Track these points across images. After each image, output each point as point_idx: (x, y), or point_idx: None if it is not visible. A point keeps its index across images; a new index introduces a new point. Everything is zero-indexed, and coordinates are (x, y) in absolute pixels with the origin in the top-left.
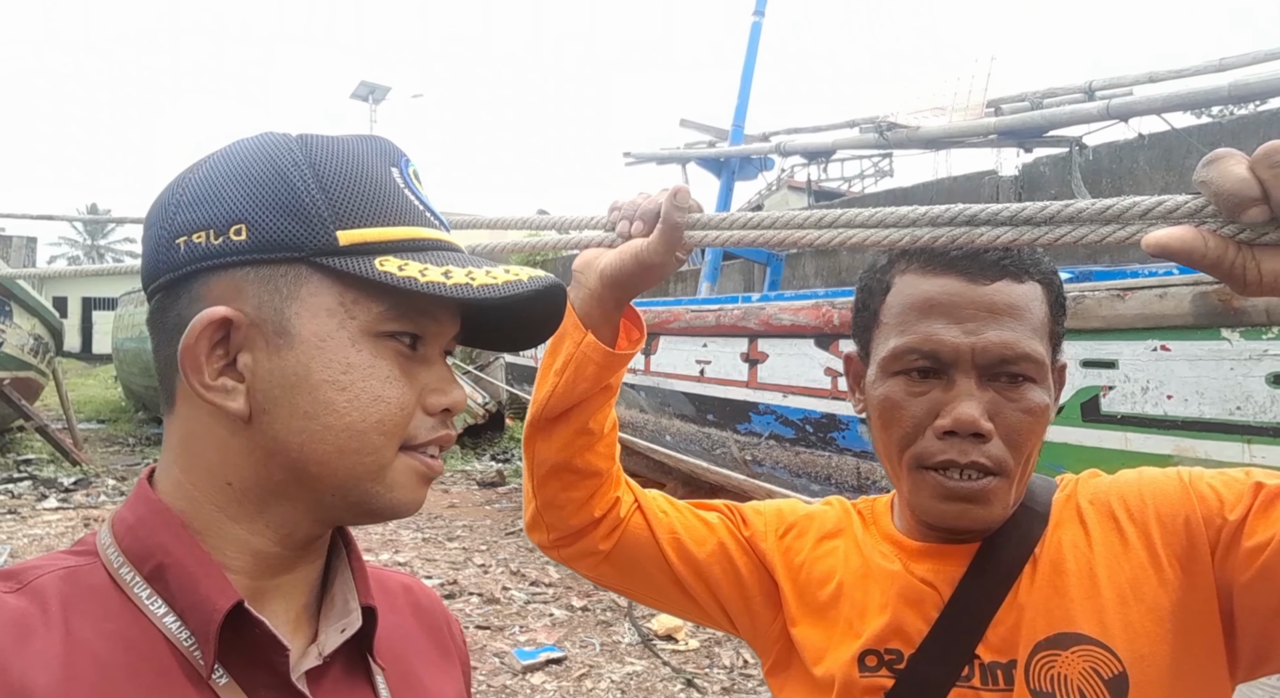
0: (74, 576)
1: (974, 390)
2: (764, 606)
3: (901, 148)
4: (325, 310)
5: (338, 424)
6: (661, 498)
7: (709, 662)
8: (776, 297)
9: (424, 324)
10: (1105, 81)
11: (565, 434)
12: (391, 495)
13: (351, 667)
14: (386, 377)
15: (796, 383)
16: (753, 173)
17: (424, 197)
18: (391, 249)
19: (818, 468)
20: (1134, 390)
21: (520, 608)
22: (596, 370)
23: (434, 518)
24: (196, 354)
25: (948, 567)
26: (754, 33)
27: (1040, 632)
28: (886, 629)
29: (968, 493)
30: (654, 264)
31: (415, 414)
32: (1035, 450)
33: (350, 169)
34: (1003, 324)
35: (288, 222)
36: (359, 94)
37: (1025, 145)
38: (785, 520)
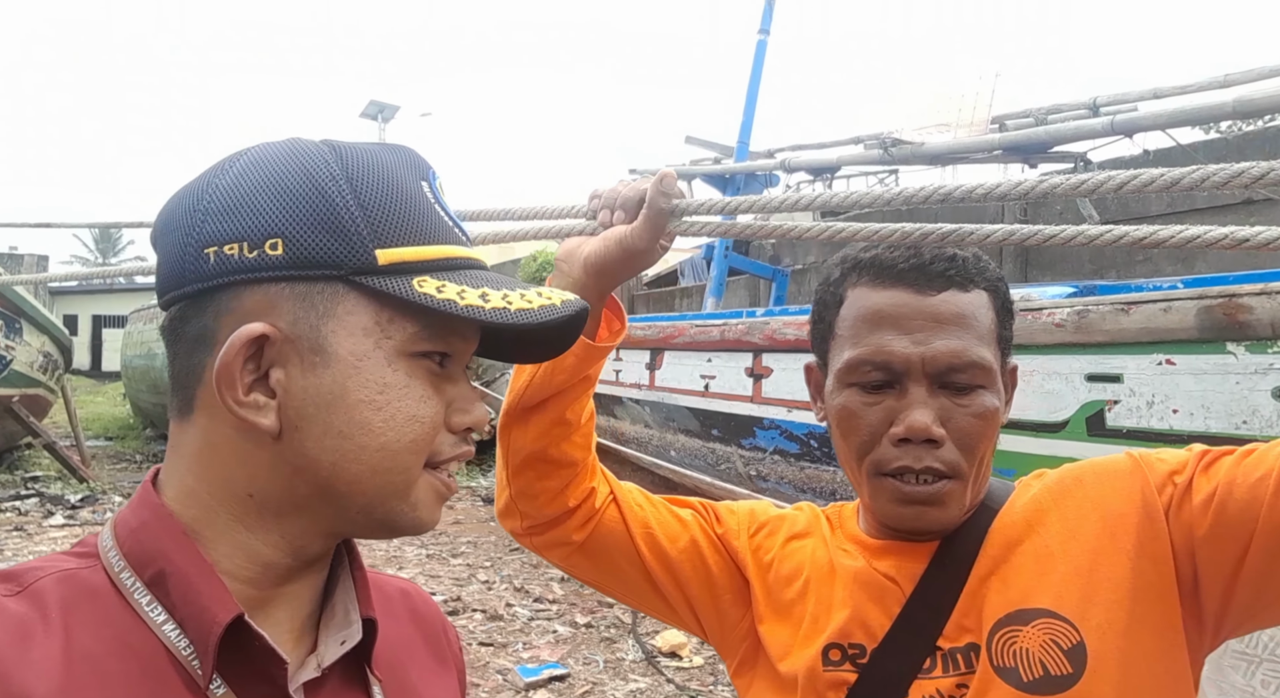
0: (74, 578)
1: (925, 398)
2: (732, 603)
3: (906, 164)
4: (362, 329)
5: (372, 444)
6: (637, 491)
7: (713, 679)
8: (781, 311)
9: (454, 343)
10: (1110, 97)
11: (541, 424)
12: (415, 514)
13: (349, 678)
14: (421, 396)
15: (801, 398)
16: (758, 189)
17: (450, 210)
18: (428, 269)
19: (822, 483)
20: (1139, 404)
21: (524, 625)
22: (575, 362)
23: (438, 534)
24: (233, 370)
25: (909, 563)
26: (759, 50)
27: (999, 610)
28: (850, 623)
29: (923, 496)
30: (639, 251)
31: (440, 432)
32: (988, 452)
33: (386, 185)
34: (949, 333)
35: (326, 238)
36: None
37: (1030, 161)
38: (757, 519)
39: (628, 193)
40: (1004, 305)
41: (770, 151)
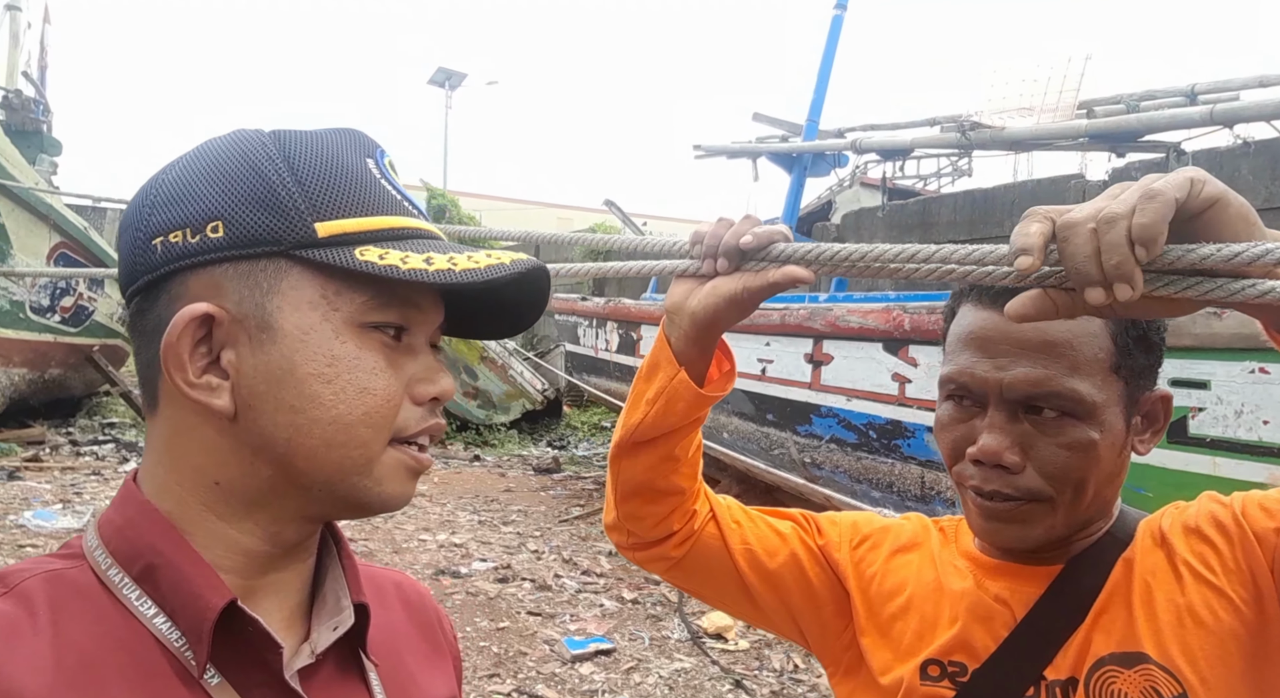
0: (60, 578)
1: (1002, 423)
2: (834, 615)
3: (984, 149)
4: (308, 303)
5: (324, 417)
6: (736, 507)
7: (759, 664)
8: (845, 298)
9: (409, 314)
10: (1210, 85)
11: (651, 459)
12: (380, 489)
13: (344, 664)
14: (372, 368)
15: (861, 387)
16: (825, 169)
17: (400, 187)
18: (371, 239)
19: (880, 475)
20: (1226, 413)
21: (571, 597)
22: (686, 407)
23: (490, 501)
24: (179, 352)
25: (1024, 587)
26: (835, 26)
27: (1103, 649)
28: (953, 642)
29: (999, 513)
30: (748, 305)
31: (403, 405)
32: (1087, 481)
33: (325, 161)
34: (1034, 361)
35: (265, 216)
36: (436, 80)
37: (1118, 150)
38: (860, 532)
39: (730, 240)
40: (1130, 332)
41: (840, 131)
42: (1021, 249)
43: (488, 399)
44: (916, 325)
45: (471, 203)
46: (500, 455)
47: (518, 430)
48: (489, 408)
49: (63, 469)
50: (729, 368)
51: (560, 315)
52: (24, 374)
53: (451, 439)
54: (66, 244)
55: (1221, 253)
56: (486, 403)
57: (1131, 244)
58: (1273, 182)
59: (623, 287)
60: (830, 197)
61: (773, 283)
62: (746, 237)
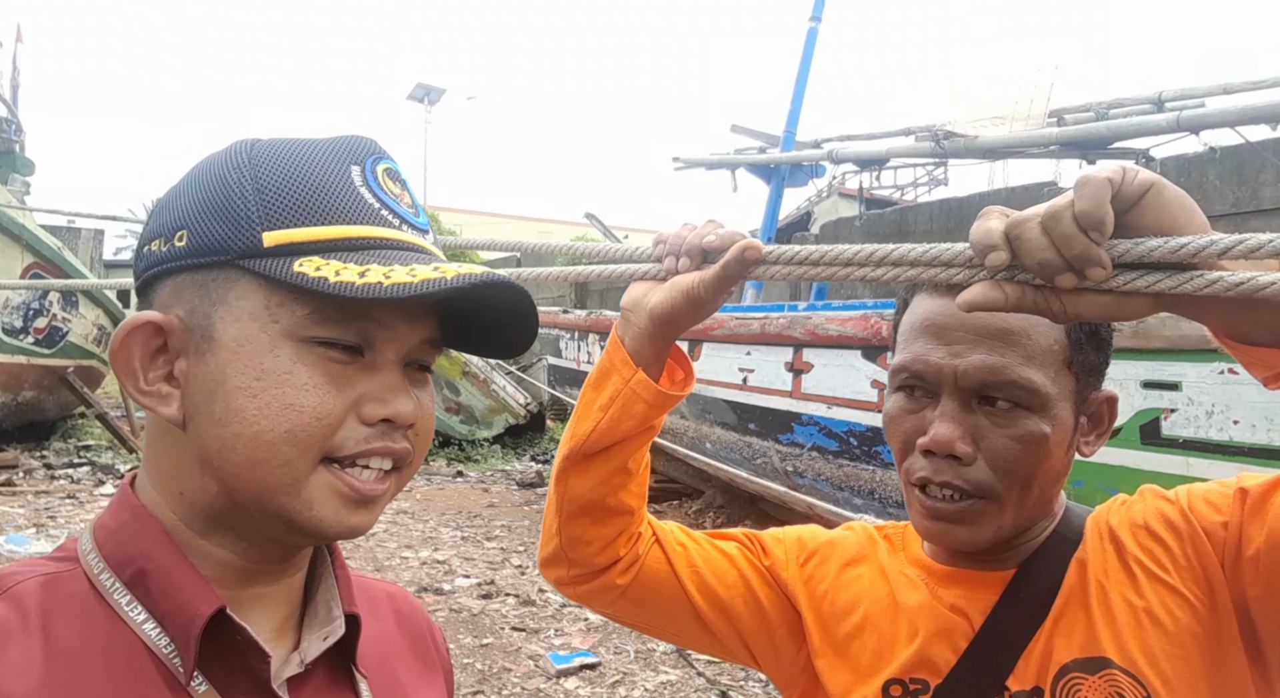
0: (53, 582)
1: (956, 412)
2: (787, 638)
3: (958, 157)
4: (249, 314)
5: (246, 432)
6: (679, 530)
7: (744, 674)
8: (824, 306)
9: (365, 329)
10: (1176, 92)
11: (602, 472)
12: (311, 514)
13: (335, 675)
14: (304, 384)
15: (842, 394)
16: (803, 179)
17: (387, 195)
18: (321, 249)
19: (861, 482)
20: (1198, 414)
21: (556, 611)
22: (645, 409)
23: (473, 517)
24: (125, 359)
25: (979, 593)
26: (810, 38)
27: (1065, 655)
28: (913, 660)
29: (946, 513)
30: (704, 301)
31: (344, 424)
32: (1035, 478)
33: (291, 169)
34: (991, 348)
35: (219, 224)
36: (415, 96)
37: (1088, 157)
38: (806, 547)
39: (694, 240)
40: (1084, 328)
41: (817, 142)
42: (990, 246)
43: (470, 414)
44: None
45: (452, 218)
46: (483, 471)
47: (501, 445)
48: (471, 423)
49: (36, 493)
50: (684, 376)
51: (542, 328)
52: None
53: (434, 455)
54: (39, 264)
55: (1168, 245)
56: (469, 418)
57: (1084, 231)
58: (1239, 187)
59: (604, 299)
60: (809, 207)
61: (725, 267)
62: (709, 237)
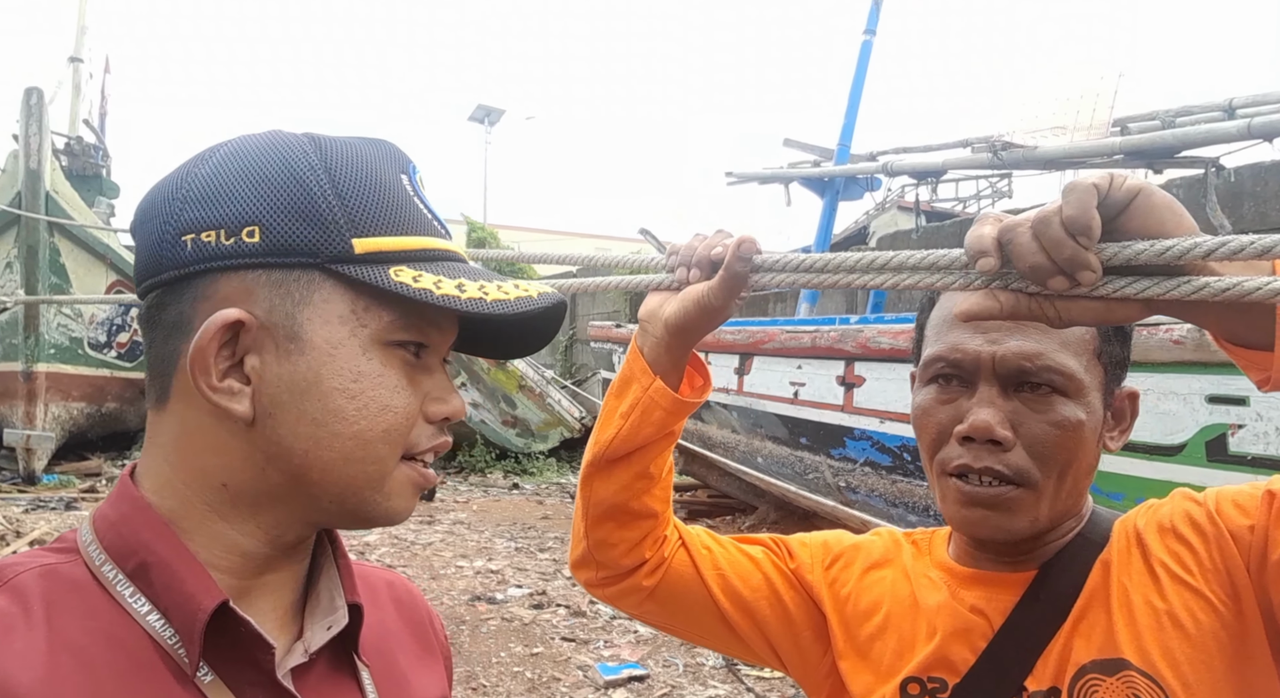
0: (54, 573)
1: (994, 398)
2: (813, 640)
3: (1017, 168)
4: (338, 317)
5: (346, 431)
6: (705, 534)
7: (794, 691)
8: (876, 319)
9: (430, 333)
10: (1247, 99)
11: (625, 477)
12: (389, 504)
13: (337, 664)
14: (395, 386)
15: (894, 409)
16: (858, 193)
17: (430, 204)
18: (405, 259)
19: (916, 498)
20: (1267, 430)
21: (606, 623)
22: (663, 416)
23: (527, 528)
24: (207, 355)
25: (999, 595)
26: (864, 51)
27: (1084, 656)
28: (931, 659)
29: (985, 499)
30: (715, 308)
31: (417, 423)
32: (1070, 466)
33: (364, 175)
34: (1027, 334)
35: (303, 227)
36: (476, 116)
37: (1155, 166)
38: (831, 551)
39: (703, 251)
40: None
41: (872, 154)
42: (981, 251)
43: (526, 428)
44: None
45: (511, 235)
46: (539, 483)
47: (556, 458)
48: (527, 436)
49: None
50: (701, 384)
51: (596, 343)
52: (82, 408)
53: (491, 468)
54: (123, 282)
55: (1154, 247)
56: (525, 431)
57: (1072, 237)
58: None
59: None
60: (866, 221)
61: (727, 270)
62: (716, 248)
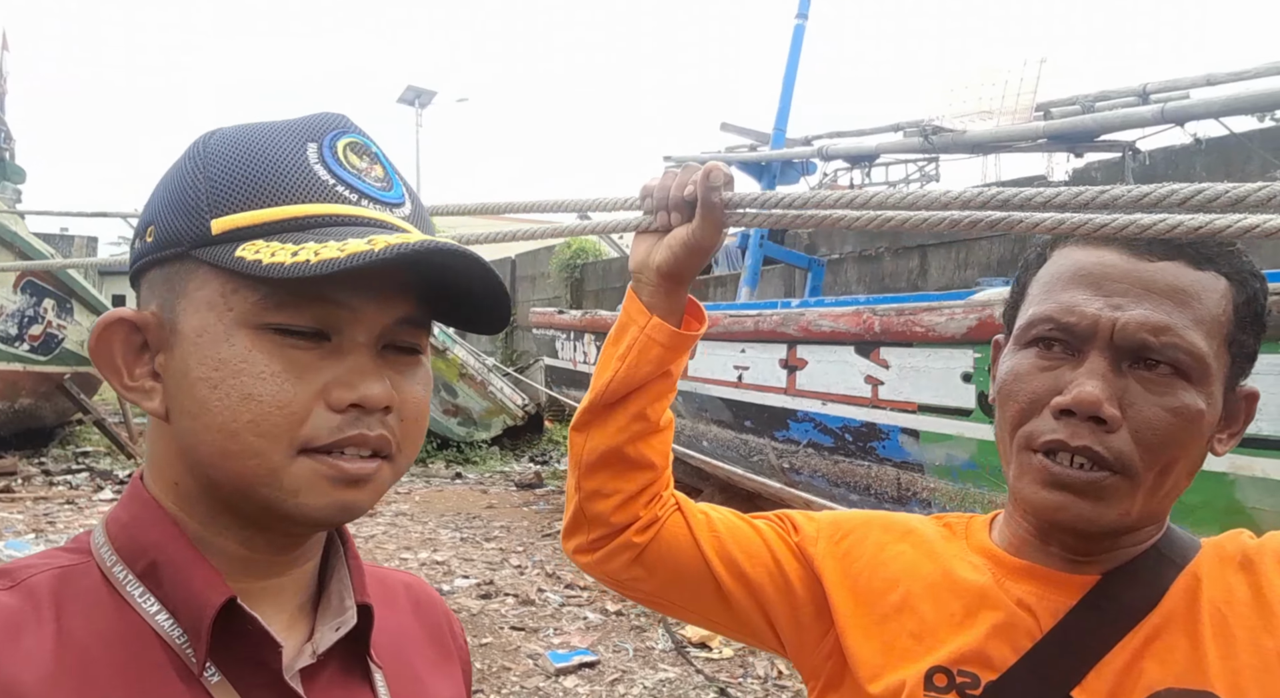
0: (67, 575)
1: (1105, 371)
2: (814, 617)
3: (947, 152)
4: (206, 304)
5: (213, 424)
6: (706, 505)
7: (743, 671)
8: (816, 303)
9: (326, 312)
10: (1160, 84)
11: (621, 419)
12: (296, 502)
13: (349, 666)
14: (261, 373)
15: (836, 391)
16: (794, 177)
17: (346, 170)
18: (267, 232)
19: (857, 478)
20: None
21: (555, 610)
22: (661, 352)
23: (472, 518)
24: (106, 356)
25: (1053, 595)
26: (797, 35)
27: (1159, 682)
28: (965, 651)
29: (1075, 483)
30: (704, 247)
31: (315, 412)
32: (1177, 462)
33: (240, 153)
34: (1157, 305)
35: (175, 216)
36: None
37: (1075, 150)
38: (841, 527)
39: (676, 193)
40: (1249, 304)
41: (807, 139)
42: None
43: (468, 416)
44: (886, 327)
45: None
46: (482, 473)
47: (499, 447)
48: (469, 425)
49: (35, 499)
50: (699, 325)
51: (538, 329)
52: None
53: (433, 458)
54: (34, 273)
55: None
56: (467, 420)
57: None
58: (1226, 177)
59: (600, 299)
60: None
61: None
62: (688, 188)
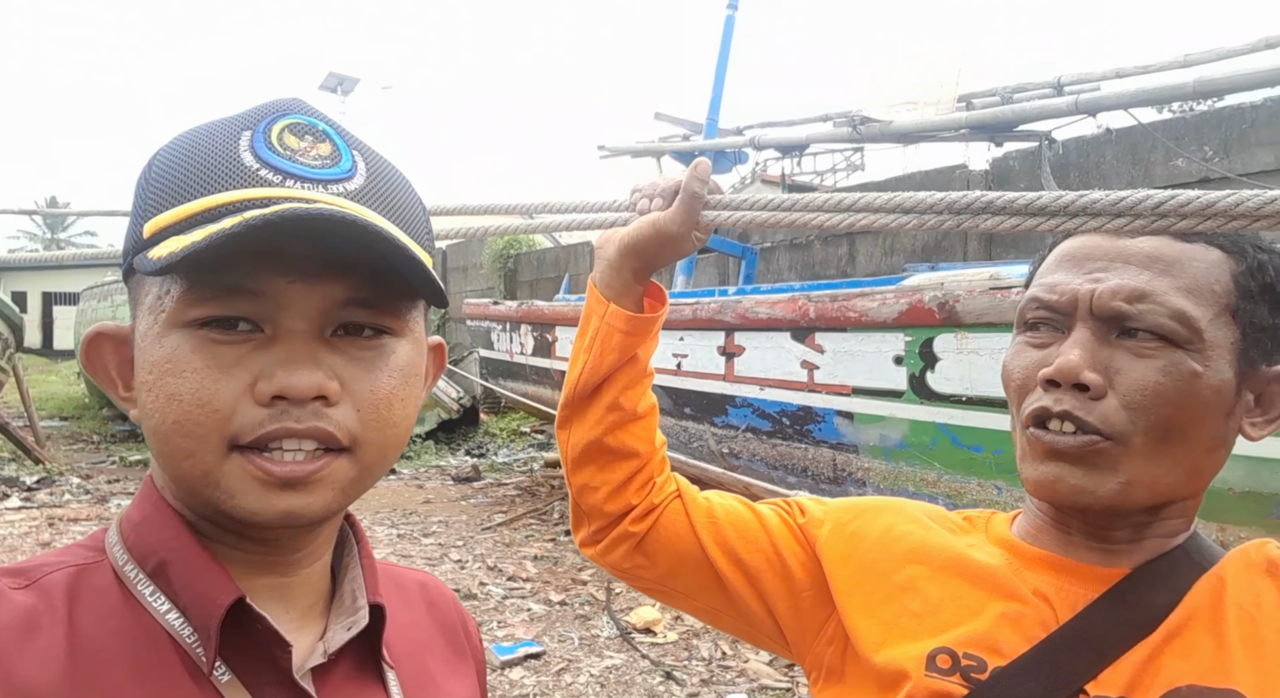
0: (81, 573)
1: (1088, 341)
2: (814, 603)
3: (874, 142)
4: (148, 308)
5: (150, 427)
6: (712, 493)
7: (687, 654)
8: (753, 290)
9: (248, 302)
10: (1073, 77)
11: (597, 411)
12: (234, 503)
13: (362, 665)
14: (183, 371)
15: (773, 376)
16: (727, 166)
17: (276, 153)
18: (184, 227)
19: (794, 460)
20: None
21: (498, 603)
22: (622, 339)
23: (409, 514)
24: (100, 371)
25: (1072, 586)
26: (728, 26)
27: (1177, 678)
28: (973, 634)
29: (1066, 450)
30: (671, 233)
31: (239, 408)
32: (1177, 427)
33: (176, 152)
34: (1135, 274)
35: (130, 225)
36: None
37: (996, 140)
38: (852, 510)
39: (664, 184)
40: (1257, 277)
41: (739, 129)
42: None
43: None
44: (821, 313)
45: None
46: (417, 467)
47: (434, 441)
48: None
49: None
50: (660, 308)
51: (473, 321)
52: None
53: None
54: None
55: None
56: None
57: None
58: (1133, 166)
59: (535, 290)
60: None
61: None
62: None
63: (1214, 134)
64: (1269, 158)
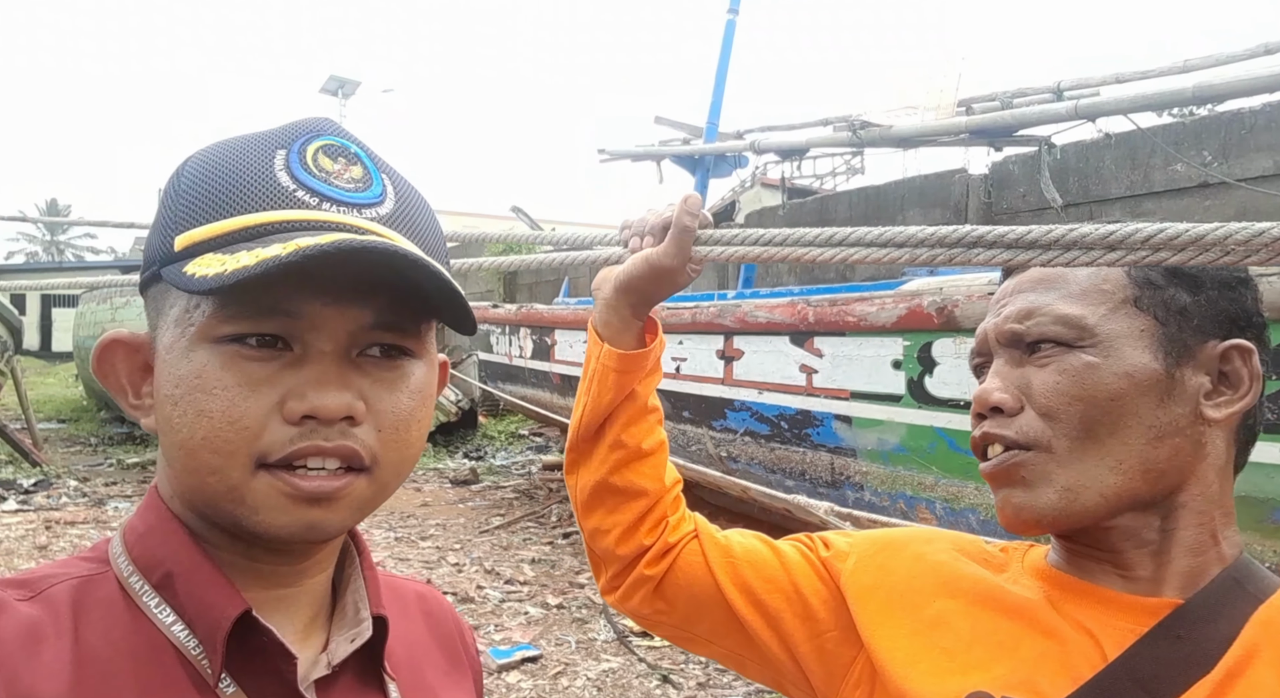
0: (86, 585)
1: (1000, 367)
2: (839, 643)
3: (875, 146)
4: (174, 321)
5: (175, 441)
6: (732, 531)
7: (684, 658)
8: (752, 294)
9: (282, 322)
10: (1073, 82)
11: (601, 451)
12: (258, 519)
13: (364, 677)
14: (213, 387)
15: (772, 380)
16: (727, 170)
17: (312, 174)
18: (221, 244)
19: (792, 464)
20: None
21: (495, 607)
22: (617, 377)
23: (406, 517)
24: (111, 378)
25: (1117, 619)
26: (728, 30)
27: None
28: (1011, 677)
29: (995, 471)
30: (665, 267)
31: (269, 426)
32: (1097, 423)
33: (207, 167)
34: (1025, 298)
35: (154, 236)
36: (328, 88)
37: (995, 144)
38: (879, 542)
39: (654, 220)
40: (1159, 270)
41: (739, 133)
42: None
43: None
44: (820, 318)
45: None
46: (415, 470)
47: (432, 444)
48: None
49: None
50: (654, 341)
51: None
52: None
53: None
54: None
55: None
56: None
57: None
58: (1132, 171)
59: (534, 293)
60: (733, 197)
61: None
62: (667, 213)
63: (1213, 139)
64: (1268, 163)
